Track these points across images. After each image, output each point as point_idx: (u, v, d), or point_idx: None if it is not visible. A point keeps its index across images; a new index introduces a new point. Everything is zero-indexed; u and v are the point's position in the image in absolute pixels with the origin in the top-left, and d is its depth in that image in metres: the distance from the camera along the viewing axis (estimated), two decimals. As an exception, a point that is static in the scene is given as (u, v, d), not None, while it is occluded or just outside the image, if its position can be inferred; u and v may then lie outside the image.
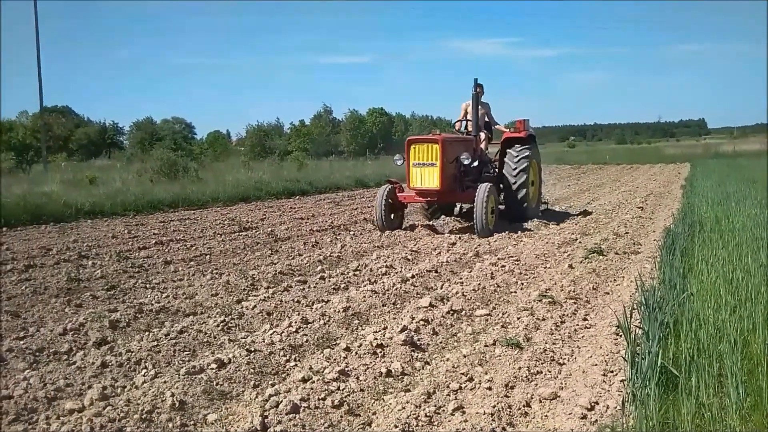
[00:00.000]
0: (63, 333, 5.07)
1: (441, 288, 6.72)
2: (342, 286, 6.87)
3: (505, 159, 11.71)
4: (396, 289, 6.54)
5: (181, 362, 4.54)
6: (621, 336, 4.91)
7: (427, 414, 3.51)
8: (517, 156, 11.60)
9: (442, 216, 12.61)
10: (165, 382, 3.98)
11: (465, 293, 6.23)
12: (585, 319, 5.51)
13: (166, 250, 9.29)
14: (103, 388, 3.94)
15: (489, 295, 6.31)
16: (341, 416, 3.62)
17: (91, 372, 4.24)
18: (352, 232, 10.99)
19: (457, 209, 12.62)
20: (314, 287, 6.75)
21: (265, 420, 3.43)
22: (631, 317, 4.45)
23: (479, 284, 6.62)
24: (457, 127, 12.58)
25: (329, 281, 7.01)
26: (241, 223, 12.12)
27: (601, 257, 8.04)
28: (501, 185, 11.62)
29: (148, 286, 6.97)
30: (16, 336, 5.08)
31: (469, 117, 12.24)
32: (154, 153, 29.78)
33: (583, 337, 5.06)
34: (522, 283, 6.86)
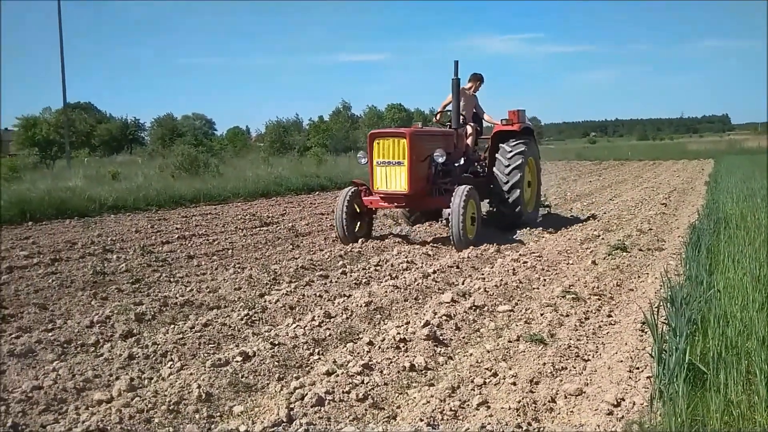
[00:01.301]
0: (90, 325, 5.15)
1: (463, 284, 6.71)
2: (363, 281, 6.88)
3: (497, 155, 10.14)
4: (417, 284, 6.54)
5: (206, 355, 4.58)
6: (646, 332, 4.88)
7: (452, 408, 3.51)
8: (511, 152, 10.02)
9: (428, 222, 10.79)
10: (191, 374, 4.02)
11: (487, 289, 6.21)
12: (609, 316, 5.47)
13: (189, 245, 9.37)
14: (130, 379, 4.00)
15: (511, 290, 6.29)
16: (366, 409, 3.64)
17: (118, 363, 4.30)
18: (383, 222, 10.98)
19: (445, 213, 10.50)
20: (336, 282, 6.77)
21: (291, 412, 3.45)
22: (657, 314, 4.40)
23: (501, 280, 6.59)
24: (437, 119, 11.11)
25: (351, 276, 7.02)
26: (262, 219, 12.19)
27: (624, 254, 7.96)
28: (491, 186, 10.10)
29: (172, 279, 7.04)
30: (44, 328, 5.16)
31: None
32: (175, 149, 30.04)
33: (607, 333, 5.02)
34: (544, 279, 6.82)
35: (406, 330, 4.93)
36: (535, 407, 3.59)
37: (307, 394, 3.67)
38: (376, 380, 3.98)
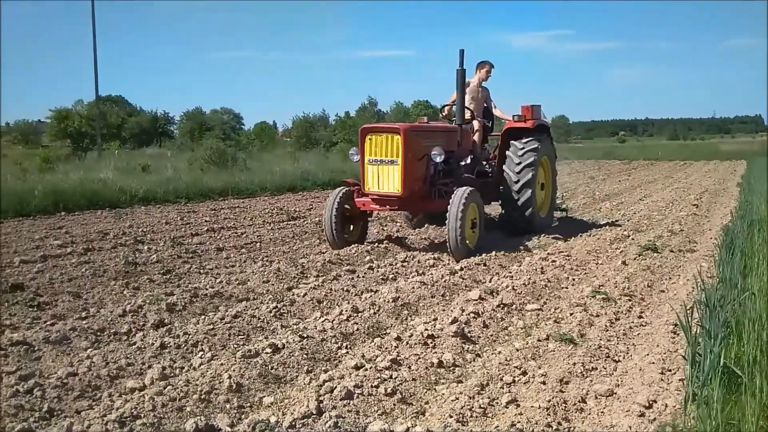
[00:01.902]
0: (122, 314, 5.23)
1: (490, 281, 6.68)
2: (390, 276, 6.89)
3: (507, 153, 9.35)
4: (444, 281, 6.52)
5: (236, 346, 4.63)
6: (678, 334, 4.81)
7: (481, 406, 3.50)
8: (522, 149, 9.23)
9: (429, 226, 10.32)
10: (222, 364, 4.07)
11: (515, 287, 6.18)
12: (640, 317, 5.40)
13: (218, 237, 9.48)
14: (162, 368, 4.06)
15: (539, 289, 6.24)
16: (394, 404, 3.64)
17: (150, 352, 4.37)
18: (398, 224, 10.99)
19: None
20: (363, 277, 6.79)
21: (321, 405, 3.47)
22: (690, 316, 4.33)
23: (529, 278, 6.55)
24: (444, 113, 10.18)
25: (377, 271, 7.03)
26: (289, 213, 12.26)
27: (655, 254, 7.85)
28: (501, 188, 9.34)
29: (201, 271, 7.13)
30: (78, 316, 5.27)
31: (466, 103, 9.58)
32: (204, 142, 30.35)
33: (638, 334, 4.96)
34: (573, 279, 6.76)
35: (434, 326, 4.93)
36: (566, 407, 3.56)
37: (336, 387, 3.69)
38: (405, 375, 3.99)
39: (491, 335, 4.93)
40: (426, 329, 4.80)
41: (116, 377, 4.01)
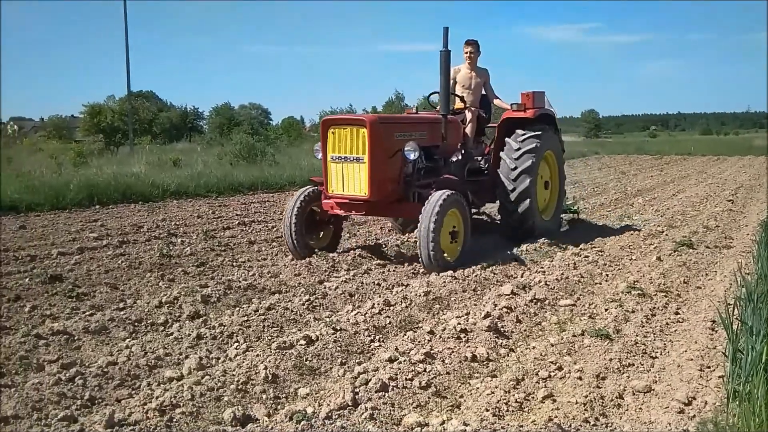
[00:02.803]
0: (159, 305, 5.32)
1: (522, 276, 6.64)
2: (421, 270, 6.88)
3: (501, 154, 8.20)
4: (476, 275, 6.49)
5: (270, 337, 4.68)
6: (716, 331, 4.74)
7: (517, 400, 3.48)
8: (519, 149, 8.04)
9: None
10: (257, 355, 4.11)
11: (548, 282, 6.13)
12: (677, 313, 5.32)
13: (249, 231, 9.56)
14: (199, 358, 4.12)
15: (572, 285, 6.18)
16: (429, 397, 3.65)
17: (187, 343, 4.43)
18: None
19: None
20: (394, 271, 6.80)
21: (356, 396, 3.49)
22: (731, 313, 4.25)
23: (562, 274, 6.49)
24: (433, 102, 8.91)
25: (408, 266, 7.03)
26: (319, 207, 12.29)
27: (690, 250, 7.72)
28: (496, 189, 8.23)
29: (234, 264, 7.21)
30: (116, 307, 5.37)
31: (456, 90, 8.57)
32: (233, 137, 30.60)
33: (675, 331, 4.89)
34: (607, 275, 6.67)
35: (467, 320, 4.92)
36: (603, 402, 3.53)
37: (371, 379, 3.71)
38: (439, 369, 3.99)
39: (524, 330, 4.90)
40: (459, 323, 4.80)
41: (154, 367, 4.08)
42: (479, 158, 8.76)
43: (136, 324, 4.92)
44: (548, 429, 3.14)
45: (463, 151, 8.14)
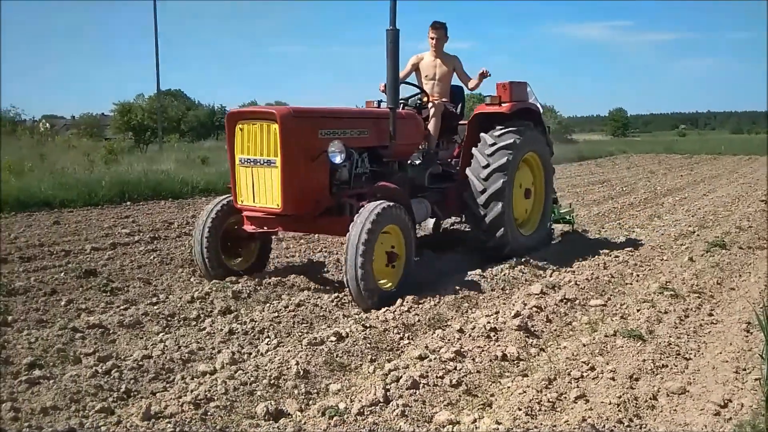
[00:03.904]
0: (191, 300, 5.39)
1: (551, 276, 6.59)
2: (452, 269, 6.85)
3: (473, 151, 6.93)
4: (504, 274, 6.46)
5: (300, 333, 4.72)
6: (751, 333, 4.67)
7: (549, 399, 3.46)
8: (493, 144, 6.79)
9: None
10: (288, 351, 4.15)
11: (577, 282, 6.08)
12: (710, 314, 5.24)
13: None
14: (232, 353, 4.17)
15: (603, 285, 6.12)
16: (460, 395, 3.65)
17: (219, 338, 4.49)
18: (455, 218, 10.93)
19: (430, 225, 7.97)
20: (423, 269, 6.78)
21: (388, 393, 3.50)
22: (767, 314, 4.18)
23: (592, 274, 6.43)
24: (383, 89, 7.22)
25: (437, 264, 7.01)
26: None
27: (723, 251, 7.59)
28: (463, 196, 6.93)
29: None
30: (149, 301, 5.45)
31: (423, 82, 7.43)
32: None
33: (709, 332, 4.81)
34: (638, 275, 6.59)
35: (496, 319, 4.90)
36: (636, 404, 3.49)
37: (401, 376, 3.72)
38: (469, 367, 3.98)
39: (555, 330, 4.87)
40: (488, 322, 4.78)
41: (188, 361, 4.14)
42: (448, 161, 7.50)
43: (169, 318, 5.00)
44: (582, 429, 3.12)
45: (425, 153, 6.93)
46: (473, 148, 6.98)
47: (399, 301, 5.38)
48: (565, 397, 3.55)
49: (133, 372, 3.88)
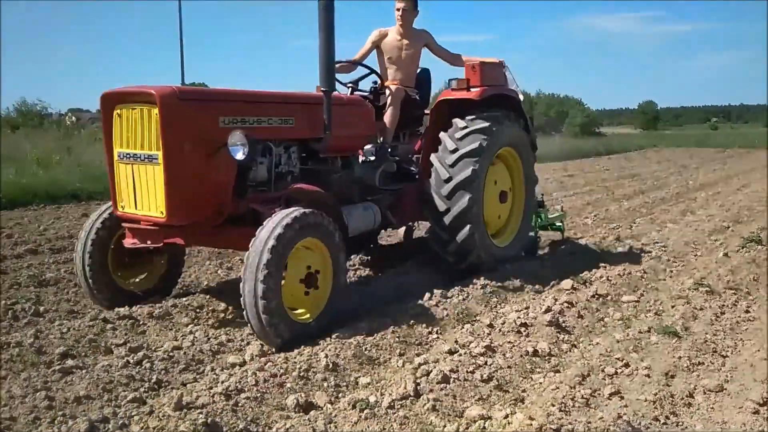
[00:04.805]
0: (219, 293, 5.42)
1: (582, 271, 6.47)
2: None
3: (441, 136, 5.80)
4: (533, 270, 6.37)
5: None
6: (791, 331, 4.53)
7: (583, 396, 3.40)
8: (457, 144, 5.66)
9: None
10: (317, 344, 4.14)
11: (609, 278, 5.97)
12: (747, 311, 5.11)
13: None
14: (261, 345, 4.17)
15: (635, 281, 6.01)
16: (491, 390, 3.60)
17: (248, 330, 4.48)
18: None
19: (401, 231, 7.08)
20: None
21: (418, 387, 3.47)
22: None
23: (624, 269, 6.31)
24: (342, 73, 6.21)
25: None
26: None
27: (759, 247, 7.39)
28: (425, 198, 5.81)
29: (291, 253, 7.27)
30: (176, 293, 5.49)
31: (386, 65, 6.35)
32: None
33: (746, 329, 4.70)
34: (671, 271, 6.46)
35: (527, 315, 4.83)
36: (673, 401, 3.41)
37: (432, 370, 3.68)
38: (500, 362, 3.93)
39: (587, 326, 4.79)
40: (518, 317, 4.72)
41: (218, 352, 4.16)
42: (409, 157, 6.41)
43: (198, 310, 5.01)
44: (618, 426, 3.05)
45: (379, 147, 5.84)
46: (433, 154, 5.79)
47: (427, 295, 5.28)
48: (599, 394, 3.48)
49: (163, 363, 3.90)
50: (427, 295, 5.29)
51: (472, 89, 5.82)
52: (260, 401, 3.36)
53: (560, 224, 7.76)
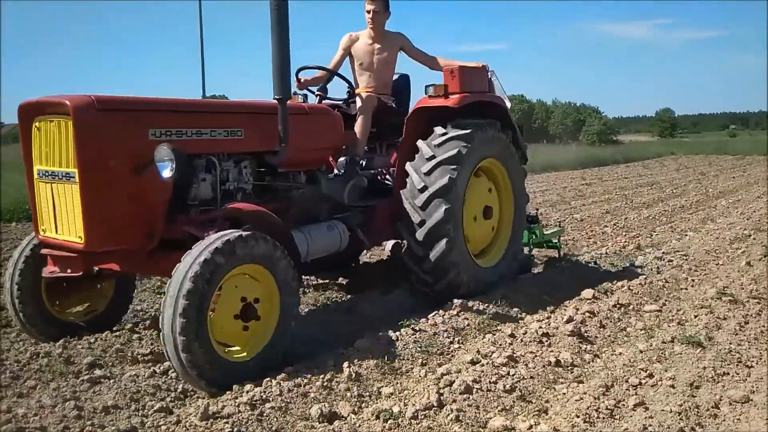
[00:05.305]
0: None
1: (602, 281, 6.45)
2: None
3: (407, 166, 5.36)
4: (551, 278, 6.36)
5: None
6: (818, 342, 4.48)
7: (608, 407, 3.39)
8: (434, 152, 5.27)
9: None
10: (340, 353, 4.17)
11: (631, 287, 5.93)
12: (772, 321, 5.06)
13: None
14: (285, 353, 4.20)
15: (657, 290, 5.96)
16: (514, 401, 3.60)
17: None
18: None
19: (388, 247, 6.76)
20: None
21: (441, 397, 3.48)
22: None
23: (645, 278, 6.27)
24: (302, 81, 5.80)
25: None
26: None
27: (783, 255, 7.32)
28: (399, 217, 5.36)
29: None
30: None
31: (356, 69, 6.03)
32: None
33: (772, 339, 4.65)
34: (693, 280, 6.41)
35: (548, 324, 4.83)
36: (698, 412, 3.39)
37: (454, 381, 3.69)
38: (522, 373, 3.93)
39: (609, 336, 4.77)
40: (540, 327, 4.72)
41: (241, 362, 4.19)
42: (384, 171, 5.98)
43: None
44: (643, 437, 3.04)
45: (348, 159, 5.48)
46: (408, 163, 5.36)
47: (448, 303, 5.28)
48: (624, 405, 3.47)
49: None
50: (449, 303, 5.29)
51: (450, 96, 5.40)
52: (285, 411, 3.39)
53: (556, 242, 7.37)
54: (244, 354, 3.88)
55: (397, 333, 4.56)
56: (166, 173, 3.82)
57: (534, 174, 20.72)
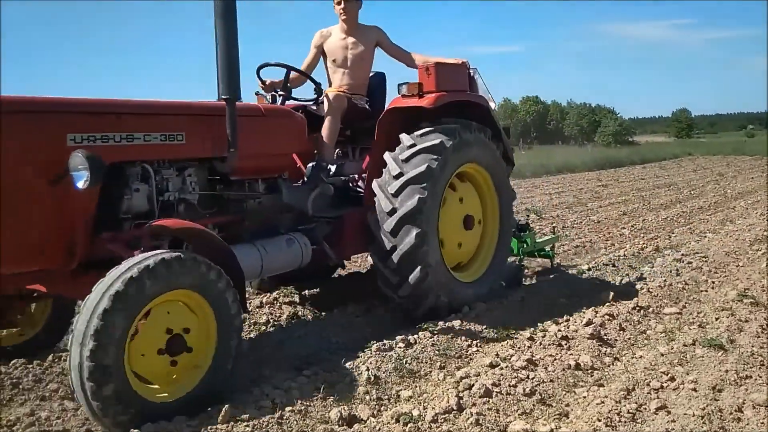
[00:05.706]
0: (260, 306, 5.52)
1: (620, 283, 6.41)
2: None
3: (386, 158, 4.92)
4: (571, 279, 6.33)
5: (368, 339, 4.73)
6: (842, 344, 4.41)
7: (629, 411, 3.36)
8: (401, 168, 4.79)
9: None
10: (358, 356, 4.17)
11: (650, 289, 5.89)
12: (794, 324, 4.99)
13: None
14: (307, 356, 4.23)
15: (677, 292, 5.91)
16: (534, 405, 3.58)
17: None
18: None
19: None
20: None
21: (461, 401, 3.47)
22: None
23: (664, 280, 6.22)
24: (267, 83, 5.31)
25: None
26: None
27: (804, 257, 7.23)
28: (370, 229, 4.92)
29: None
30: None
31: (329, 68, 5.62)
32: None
33: (795, 342, 4.59)
34: (713, 282, 6.34)
35: (567, 327, 4.81)
36: (721, 416, 3.35)
37: (473, 384, 3.68)
38: (542, 376, 3.91)
39: (629, 339, 4.73)
40: (559, 330, 4.70)
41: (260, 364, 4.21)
42: (355, 177, 5.53)
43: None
44: (666, 442, 3.02)
45: (314, 166, 5.04)
46: (375, 180, 4.92)
47: (466, 308, 5.25)
48: (645, 409, 3.45)
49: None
50: (466, 307, 5.28)
51: (426, 95, 4.91)
52: (304, 414, 3.40)
53: (548, 250, 6.98)
54: (165, 395, 3.34)
55: (415, 336, 4.56)
56: (81, 184, 3.30)
57: (550, 176, 20.64)
